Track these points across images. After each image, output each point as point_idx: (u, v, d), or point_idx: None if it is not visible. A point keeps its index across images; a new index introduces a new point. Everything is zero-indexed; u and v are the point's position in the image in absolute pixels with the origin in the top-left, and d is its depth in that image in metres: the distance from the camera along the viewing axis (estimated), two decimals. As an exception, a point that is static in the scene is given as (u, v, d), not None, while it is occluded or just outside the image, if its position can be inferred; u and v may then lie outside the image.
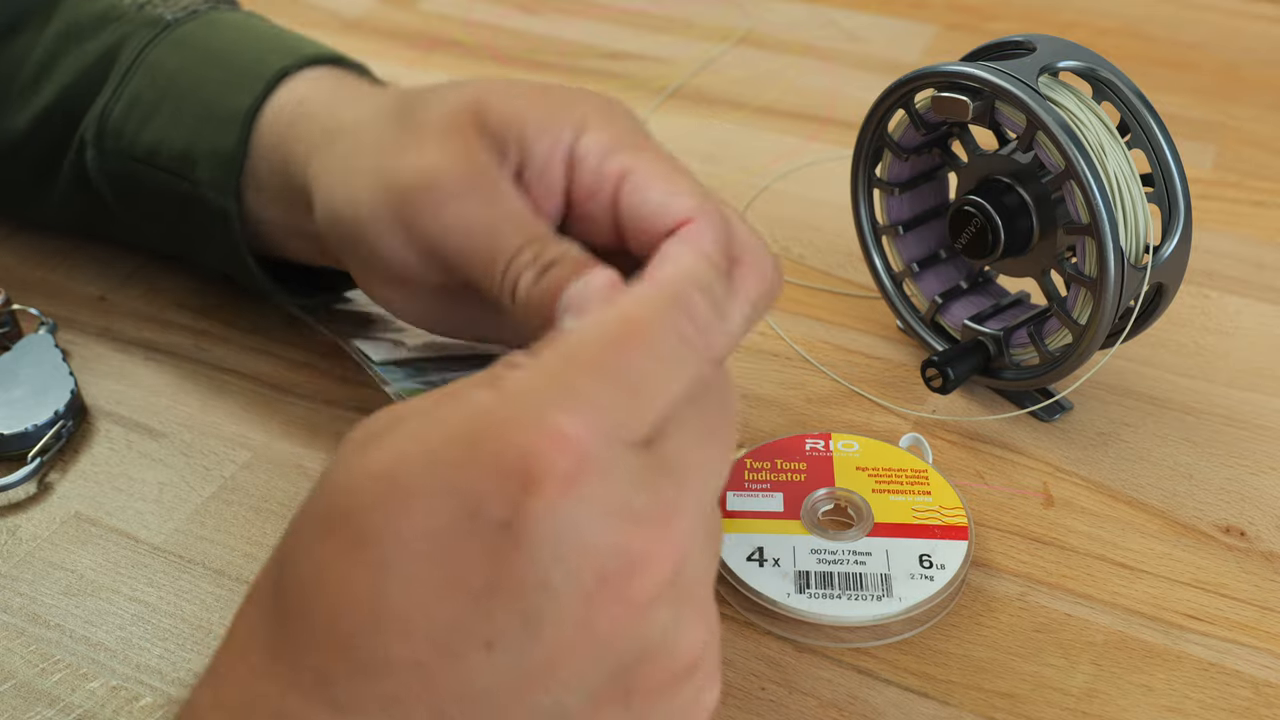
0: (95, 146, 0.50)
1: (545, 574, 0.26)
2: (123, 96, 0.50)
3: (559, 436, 0.26)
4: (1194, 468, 0.47)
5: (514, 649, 0.26)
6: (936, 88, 0.47)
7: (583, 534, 0.26)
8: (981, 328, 0.49)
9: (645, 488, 0.27)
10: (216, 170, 0.47)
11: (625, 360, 0.28)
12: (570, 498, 0.26)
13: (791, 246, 0.60)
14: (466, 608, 0.26)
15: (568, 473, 0.26)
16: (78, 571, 0.43)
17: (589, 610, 0.26)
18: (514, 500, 0.26)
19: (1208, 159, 0.67)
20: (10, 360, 0.50)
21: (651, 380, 0.28)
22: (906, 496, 0.44)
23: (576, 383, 0.27)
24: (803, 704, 0.39)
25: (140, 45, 0.50)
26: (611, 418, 0.27)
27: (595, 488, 0.26)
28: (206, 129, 0.47)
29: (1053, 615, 0.42)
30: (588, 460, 0.26)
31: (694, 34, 0.81)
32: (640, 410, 0.28)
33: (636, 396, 0.28)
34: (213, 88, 0.48)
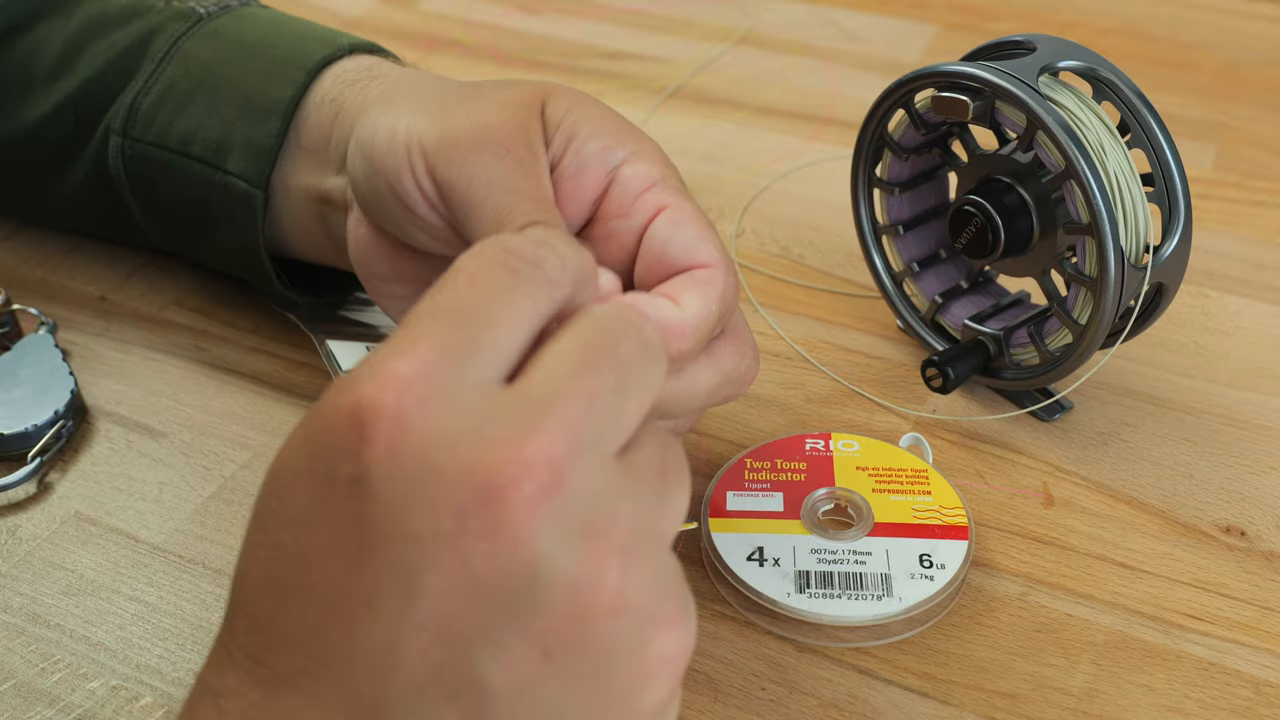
0: (122, 134, 0.50)
1: (403, 519, 0.25)
2: (155, 86, 0.50)
3: (385, 377, 0.26)
4: (1194, 468, 0.47)
5: (396, 603, 0.25)
6: (936, 88, 0.47)
7: (427, 468, 0.25)
8: (981, 328, 0.49)
9: (495, 415, 0.26)
10: (250, 160, 0.47)
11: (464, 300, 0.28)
12: (405, 435, 0.25)
13: (791, 246, 0.60)
14: (344, 568, 0.26)
15: (396, 408, 0.25)
16: (78, 571, 0.43)
17: (457, 548, 0.25)
18: (354, 452, 0.25)
19: (1208, 159, 0.67)
20: (10, 360, 0.50)
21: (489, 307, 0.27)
22: (906, 496, 0.44)
23: (415, 327, 0.27)
24: (803, 704, 0.39)
25: (174, 37, 0.51)
26: (448, 350, 0.26)
27: (433, 420, 0.25)
28: (244, 119, 0.48)
29: (1053, 615, 0.42)
30: (420, 394, 0.26)
31: (694, 34, 0.81)
32: (480, 339, 0.27)
33: (478, 330, 0.27)
34: (252, 79, 0.48)
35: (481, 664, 0.25)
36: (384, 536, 0.25)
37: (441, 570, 0.25)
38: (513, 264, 0.28)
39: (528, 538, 0.25)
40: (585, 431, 0.26)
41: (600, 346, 0.27)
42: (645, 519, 0.27)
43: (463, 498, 0.25)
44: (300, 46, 0.48)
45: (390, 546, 0.25)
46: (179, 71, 0.50)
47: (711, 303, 0.37)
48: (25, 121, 0.53)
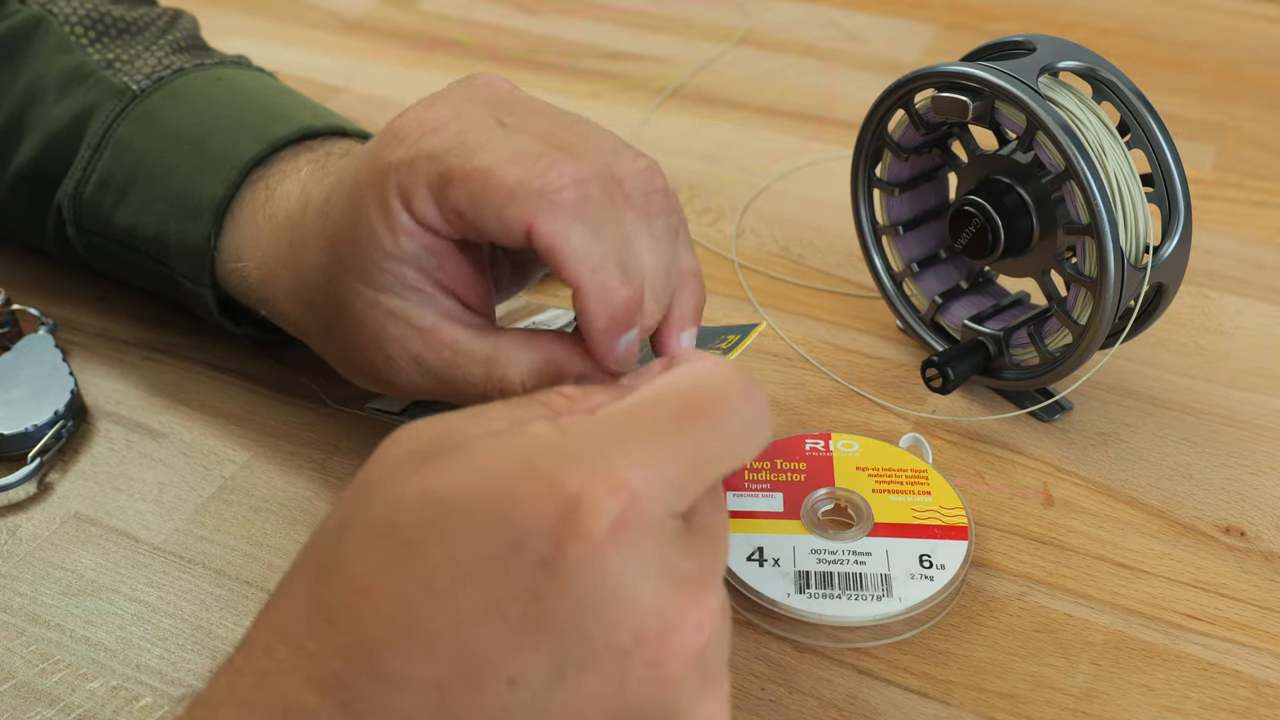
0: (73, 225, 0.50)
1: (581, 620, 0.26)
2: (93, 176, 0.49)
3: (617, 484, 0.26)
4: (1194, 468, 0.47)
5: (537, 689, 0.26)
6: (936, 88, 0.47)
7: (625, 587, 0.26)
8: (981, 328, 0.49)
9: (690, 554, 0.28)
10: (189, 261, 0.47)
11: (695, 430, 0.29)
12: (617, 548, 0.26)
13: (791, 246, 0.60)
14: (497, 638, 0.26)
15: (617, 520, 0.26)
16: (78, 571, 0.43)
17: (621, 667, 0.26)
18: (559, 538, 0.26)
19: (1208, 159, 0.67)
20: (10, 360, 0.50)
21: (714, 457, 0.29)
22: (906, 496, 0.44)
23: (644, 438, 0.28)
24: (803, 704, 0.39)
25: (108, 120, 0.50)
26: (671, 481, 0.27)
27: (643, 543, 0.26)
28: (176, 218, 0.47)
29: (1053, 615, 0.42)
30: (640, 514, 0.26)
31: (694, 34, 0.81)
32: (696, 482, 0.28)
33: (697, 469, 0.28)
34: (180, 175, 0.47)
35: None
36: (552, 624, 0.26)
37: (599, 677, 0.26)
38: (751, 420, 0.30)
39: (681, 681, 0.27)
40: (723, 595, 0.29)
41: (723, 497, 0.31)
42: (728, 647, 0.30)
43: (646, 628, 0.26)
44: (231, 140, 0.47)
45: (557, 637, 0.26)
46: (113, 160, 0.49)
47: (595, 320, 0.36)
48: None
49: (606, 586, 0.26)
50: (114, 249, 0.50)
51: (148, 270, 0.49)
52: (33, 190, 0.52)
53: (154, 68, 0.51)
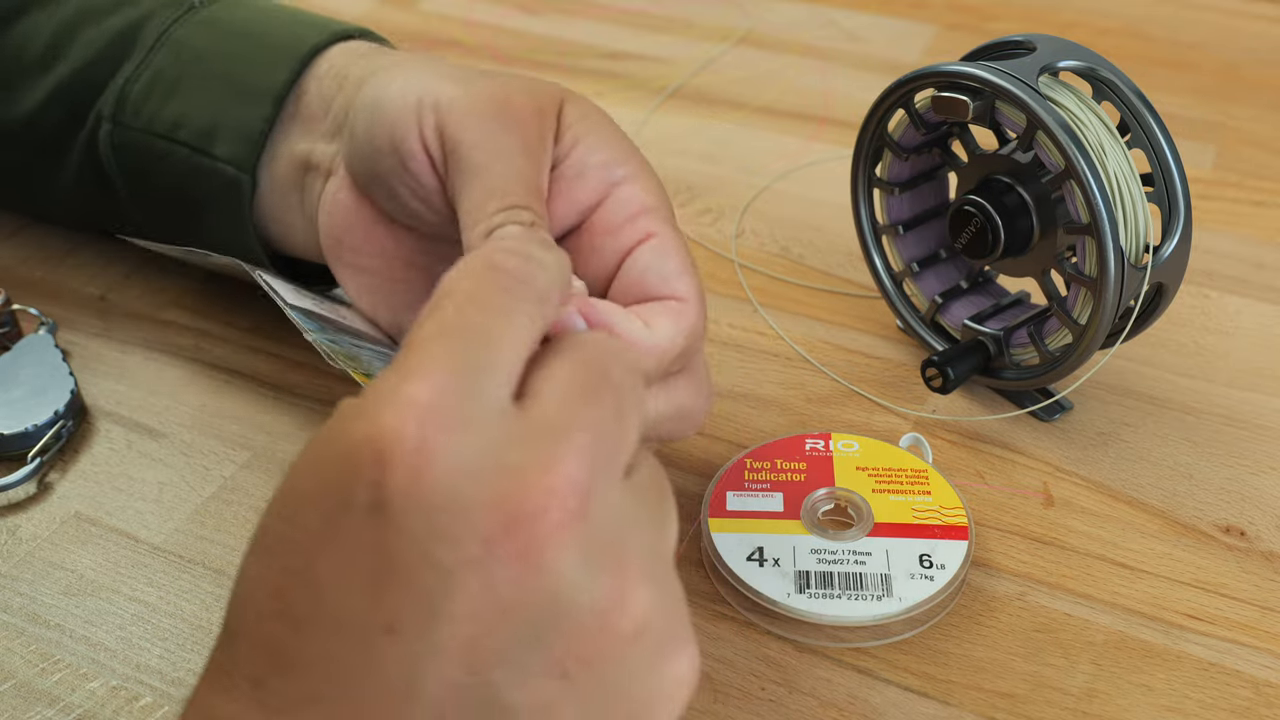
0: (112, 121, 0.50)
1: (427, 547, 0.25)
2: (145, 73, 0.50)
3: (403, 404, 0.26)
4: (1194, 468, 0.47)
5: (417, 630, 0.25)
6: (936, 88, 0.47)
7: (452, 497, 0.25)
8: (981, 328, 0.49)
9: (516, 441, 0.26)
10: (238, 145, 0.47)
11: (467, 321, 0.28)
12: (428, 462, 0.25)
13: (791, 246, 0.60)
14: (360, 596, 0.25)
15: (418, 437, 0.25)
16: (78, 571, 0.43)
17: (483, 575, 0.25)
18: (374, 481, 0.25)
19: (1208, 159, 0.67)
20: (10, 360, 0.50)
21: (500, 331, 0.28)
22: (906, 496, 0.44)
23: (422, 351, 0.27)
24: (803, 704, 0.39)
25: (165, 23, 0.50)
26: (461, 374, 0.26)
27: (455, 447, 0.25)
28: (234, 105, 0.47)
29: (1053, 615, 0.42)
30: (439, 421, 0.25)
31: (694, 34, 0.81)
32: (495, 360, 0.27)
33: (489, 346, 0.27)
34: (244, 65, 0.48)
35: (504, 687, 0.25)
36: (406, 565, 0.25)
37: (466, 596, 0.25)
38: (505, 283, 0.29)
39: (554, 564, 0.25)
40: (600, 457, 0.26)
41: (598, 370, 0.28)
42: (653, 541, 0.28)
43: (490, 526, 0.25)
44: (294, 32, 0.48)
45: (413, 574, 0.25)
46: (170, 58, 0.50)
47: (680, 334, 0.37)
48: (17, 113, 0.53)
49: (435, 505, 0.25)
50: (150, 143, 0.49)
51: (180, 165, 0.49)
52: (70, 102, 0.52)
53: None
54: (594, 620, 0.26)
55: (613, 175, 0.39)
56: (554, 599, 0.25)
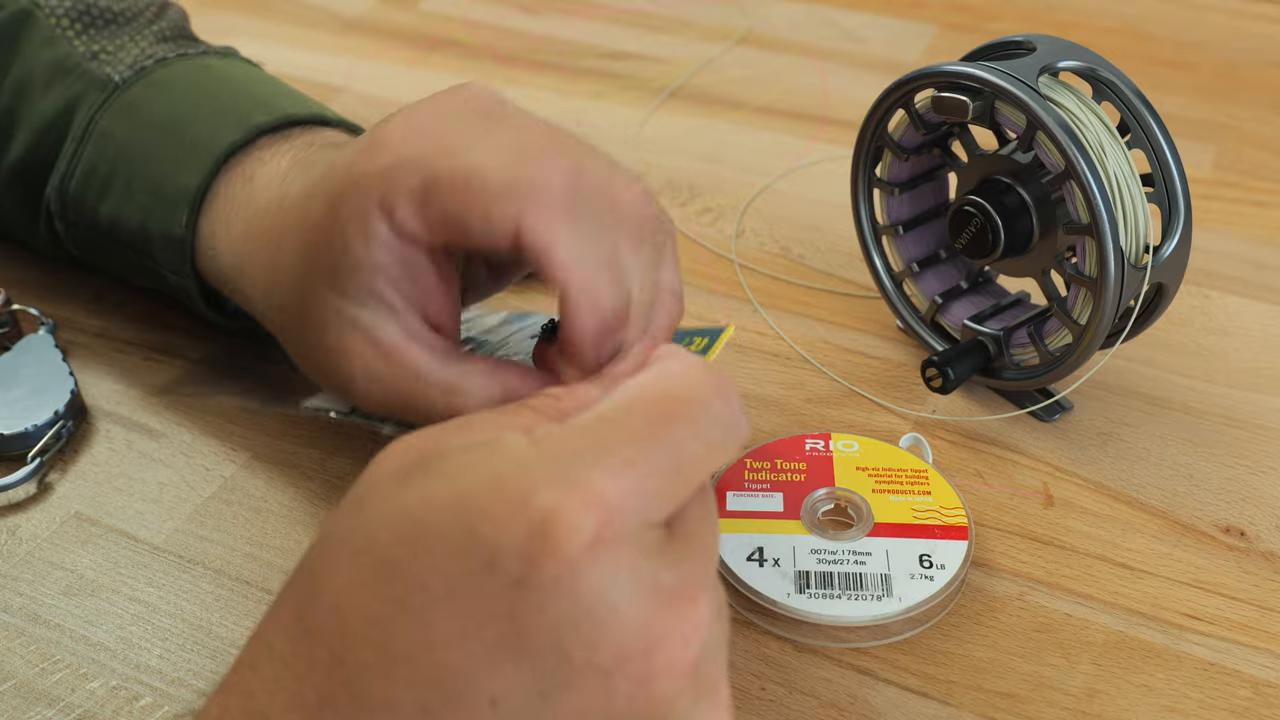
0: (60, 219, 0.50)
1: (559, 640, 0.25)
2: (78, 169, 0.49)
3: (591, 496, 0.26)
4: (1194, 468, 0.47)
5: (520, 710, 0.25)
6: (936, 88, 0.47)
7: (603, 605, 0.25)
8: (981, 328, 0.49)
9: (671, 565, 0.27)
10: (170, 252, 0.46)
11: (671, 435, 0.28)
12: (593, 564, 0.25)
13: (791, 246, 0.60)
14: (474, 660, 0.25)
15: (593, 536, 0.25)
16: (78, 571, 0.43)
17: (606, 687, 0.25)
18: (531, 557, 0.25)
19: (1208, 159, 0.67)
20: (10, 360, 0.50)
21: (692, 461, 0.28)
22: (906, 496, 0.44)
23: (619, 446, 0.27)
24: (803, 704, 0.39)
25: (90, 112, 0.49)
26: (648, 490, 0.27)
27: (620, 557, 0.26)
28: (157, 209, 0.47)
29: (1053, 615, 0.42)
30: (616, 527, 0.26)
31: (694, 34, 0.81)
32: (676, 489, 0.28)
33: (676, 475, 0.28)
34: (159, 164, 0.47)
35: None
36: (535, 648, 0.25)
37: (583, 698, 0.25)
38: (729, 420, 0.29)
39: (672, 697, 0.26)
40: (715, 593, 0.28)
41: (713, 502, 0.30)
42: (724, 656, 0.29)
43: (628, 644, 0.26)
44: (209, 128, 0.46)
45: (538, 660, 0.25)
46: (97, 152, 0.49)
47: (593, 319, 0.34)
48: None
49: (583, 605, 0.25)
50: (100, 242, 0.50)
51: (133, 263, 0.49)
52: (25, 186, 0.52)
53: (137, 58, 0.51)
54: None
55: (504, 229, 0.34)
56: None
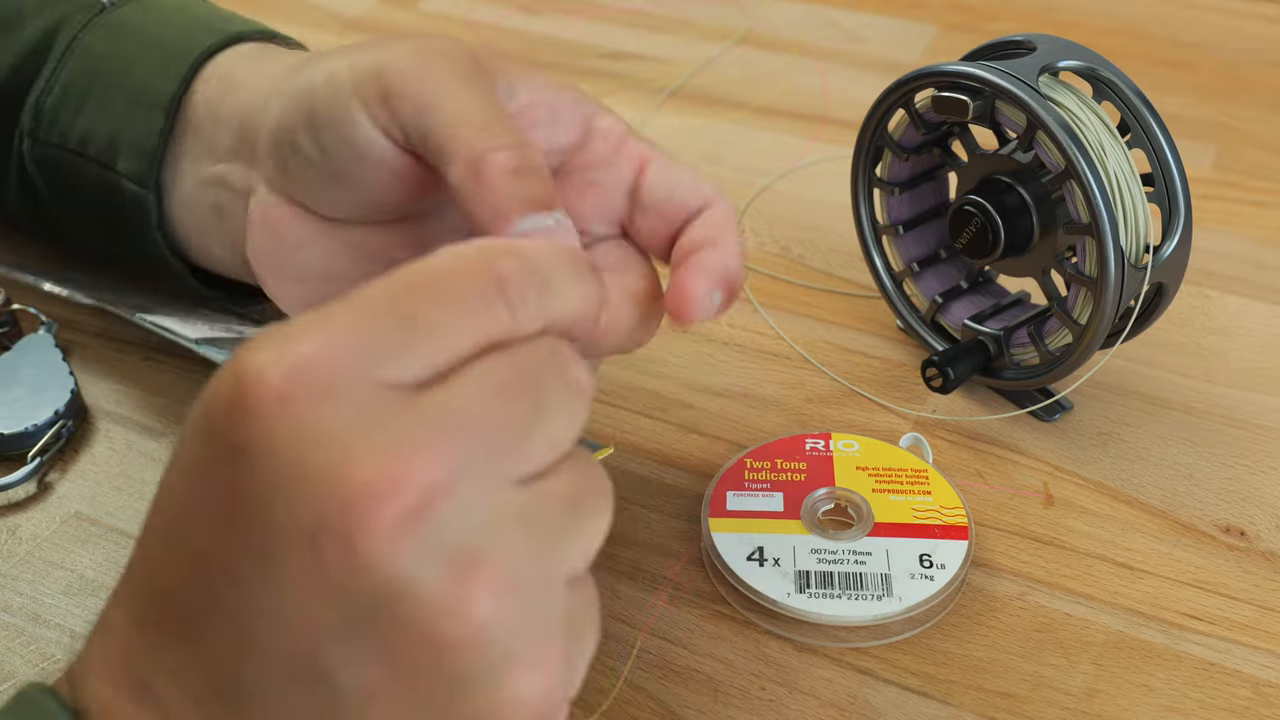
0: (30, 136, 0.49)
1: (269, 506, 0.24)
2: (56, 84, 0.48)
3: (280, 351, 0.25)
4: (1194, 467, 0.47)
5: (254, 584, 0.25)
6: (936, 87, 0.47)
7: (298, 463, 0.24)
8: (981, 327, 0.49)
9: (386, 423, 0.25)
10: (137, 161, 0.46)
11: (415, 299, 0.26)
12: (283, 420, 0.24)
13: (791, 246, 0.60)
14: (214, 534, 0.25)
15: (281, 390, 0.24)
16: (78, 571, 0.43)
17: (313, 550, 0.24)
18: (236, 422, 0.25)
19: (1208, 159, 0.67)
20: (10, 360, 0.50)
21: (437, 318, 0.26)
22: (906, 496, 0.44)
23: (341, 309, 0.26)
24: (803, 704, 0.39)
25: (75, 30, 0.49)
26: (361, 344, 0.25)
27: (315, 412, 0.24)
28: (132, 117, 0.46)
29: (1053, 615, 0.42)
30: (312, 381, 0.25)
31: (694, 34, 0.81)
32: (404, 342, 0.26)
33: (411, 334, 0.26)
34: (140, 74, 0.46)
35: (331, 664, 0.25)
36: (250, 517, 0.25)
37: (298, 565, 0.24)
38: (490, 292, 0.27)
39: (381, 557, 0.24)
40: (476, 457, 0.25)
41: (528, 373, 0.27)
42: (535, 554, 0.26)
43: (322, 503, 0.24)
44: (189, 36, 0.46)
45: (255, 529, 0.25)
46: (78, 67, 0.48)
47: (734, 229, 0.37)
48: None
49: (280, 462, 0.24)
50: (65, 159, 0.48)
51: (93, 181, 0.47)
52: (3, 112, 0.50)
53: None
54: (424, 618, 0.24)
55: (584, 111, 0.39)
56: (385, 591, 0.24)
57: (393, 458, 0.24)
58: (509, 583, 0.25)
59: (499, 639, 0.25)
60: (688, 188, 0.38)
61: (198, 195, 0.45)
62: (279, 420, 0.24)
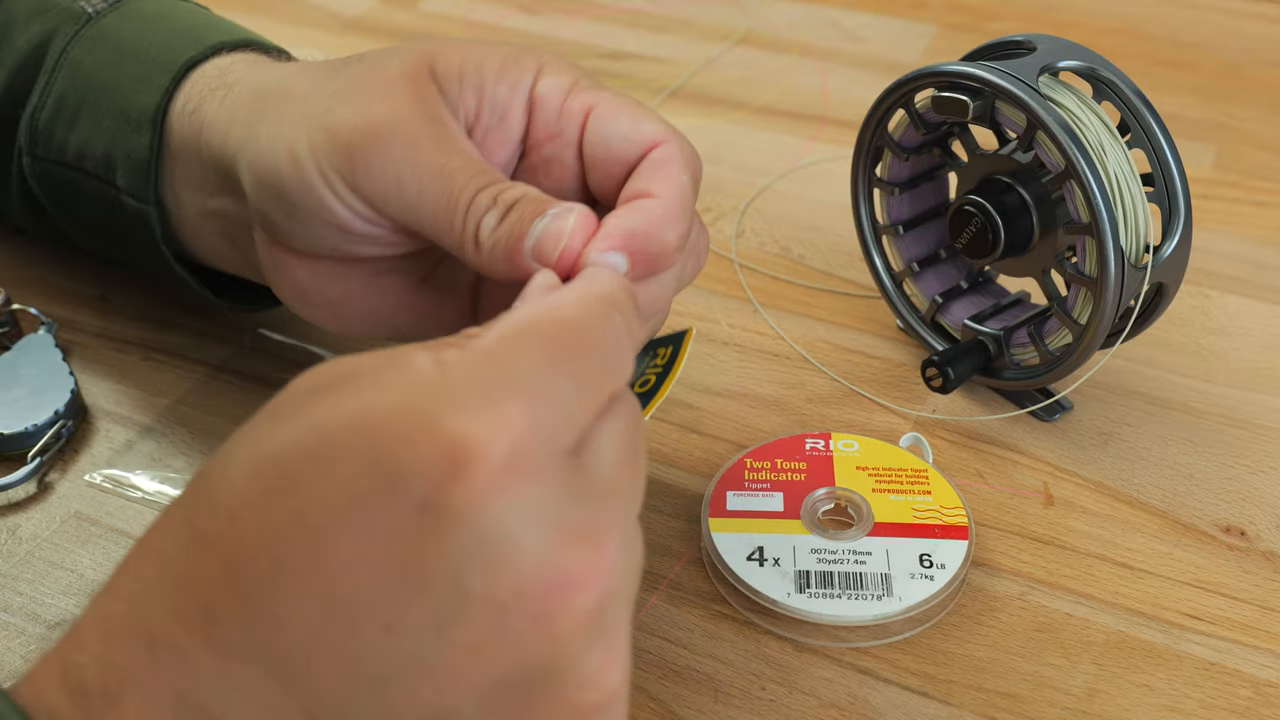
0: (29, 153, 0.49)
1: (460, 570, 0.24)
2: (49, 99, 0.48)
3: (503, 422, 0.25)
4: (1194, 467, 0.47)
5: (414, 640, 0.25)
6: (936, 87, 0.47)
7: (506, 537, 0.25)
8: (981, 327, 0.49)
9: (579, 502, 0.26)
10: (133, 175, 0.45)
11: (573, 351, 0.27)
12: (500, 493, 0.25)
13: (791, 246, 0.60)
14: (372, 583, 0.24)
15: (502, 464, 0.25)
16: (78, 571, 0.43)
17: (501, 623, 0.25)
18: (438, 482, 0.24)
19: (1208, 159, 0.67)
20: (10, 360, 0.50)
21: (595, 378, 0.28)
22: (906, 496, 0.44)
23: (525, 371, 0.26)
24: (803, 704, 0.39)
25: (63, 43, 0.49)
26: (556, 416, 0.26)
27: (528, 488, 0.25)
28: (122, 131, 0.46)
29: (1053, 615, 0.42)
30: (527, 455, 0.25)
31: (694, 34, 0.81)
32: (582, 410, 0.27)
33: (580, 393, 0.27)
34: (126, 86, 0.46)
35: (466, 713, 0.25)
36: (433, 576, 0.25)
37: (475, 629, 0.25)
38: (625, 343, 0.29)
39: (571, 641, 0.25)
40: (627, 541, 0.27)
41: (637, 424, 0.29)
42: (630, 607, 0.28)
43: (527, 579, 0.25)
44: (170, 46, 0.46)
45: (436, 588, 0.25)
46: (68, 82, 0.48)
47: (680, 175, 0.36)
48: None
49: (487, 535, 0.24)
50: (65, 175, 0.48)
51: (95, 196, 0.47)
52: (1, 127, 0.50)
53: None
54: (574, 695, 0.26)
55: (524, 83, 0.38)
56: (550, 666, 0.26)
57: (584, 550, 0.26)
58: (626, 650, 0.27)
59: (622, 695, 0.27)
60: (626, 136, 0.37)
61: (204, 226, 0.45)
62: (494, 496, 0.25)
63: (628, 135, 0.37)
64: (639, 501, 0.28)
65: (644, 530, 0.45)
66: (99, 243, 0.51)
